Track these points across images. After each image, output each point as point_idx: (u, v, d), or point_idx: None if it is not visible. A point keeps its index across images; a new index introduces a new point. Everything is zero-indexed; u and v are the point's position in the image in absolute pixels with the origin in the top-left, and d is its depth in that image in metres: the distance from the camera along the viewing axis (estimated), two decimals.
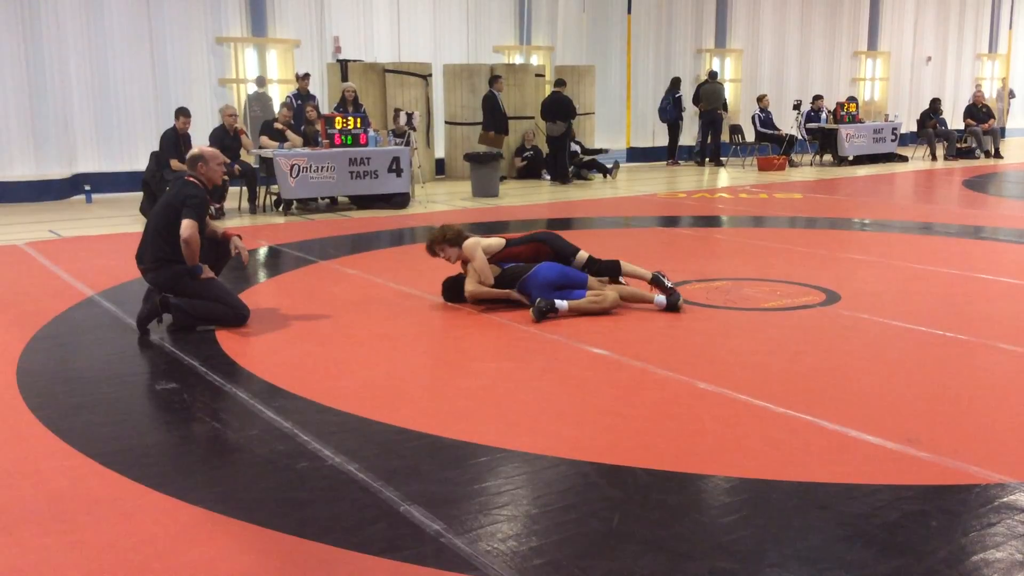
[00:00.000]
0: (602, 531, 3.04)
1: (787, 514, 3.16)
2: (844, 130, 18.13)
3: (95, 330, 5.92)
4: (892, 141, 19.04)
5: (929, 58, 25.23)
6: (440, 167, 16.39)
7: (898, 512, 3.16)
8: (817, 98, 19.11)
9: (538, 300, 5.93)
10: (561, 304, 5.98)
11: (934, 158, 19.36)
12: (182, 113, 11.41)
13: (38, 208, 12.57)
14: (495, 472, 3.58)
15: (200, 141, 11.66)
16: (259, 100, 14.78)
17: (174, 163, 11.01)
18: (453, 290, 6.45)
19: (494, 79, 15.18)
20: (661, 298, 6.15)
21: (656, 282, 6.40)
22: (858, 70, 24.05)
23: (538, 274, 6.13)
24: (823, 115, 18.81)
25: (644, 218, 11.10)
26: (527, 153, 16.05)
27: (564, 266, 6.29)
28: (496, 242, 6.40)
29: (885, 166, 18.08)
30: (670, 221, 10.93)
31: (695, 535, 3.02)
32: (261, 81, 14.82)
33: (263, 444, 3.89)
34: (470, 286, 6.25)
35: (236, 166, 11.32)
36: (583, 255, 6.39)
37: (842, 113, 18.41)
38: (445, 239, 6.33)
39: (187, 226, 5.69)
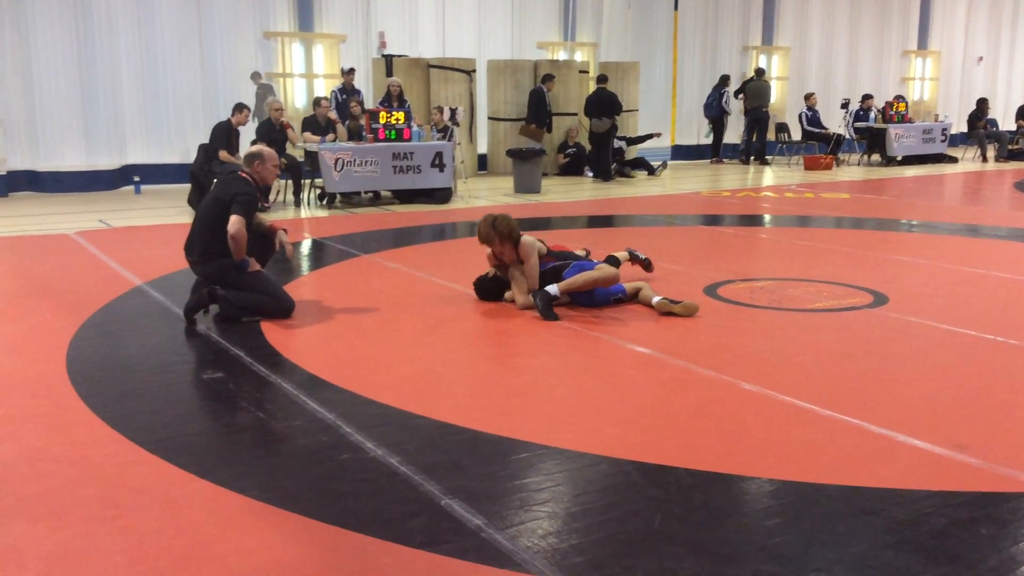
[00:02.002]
0: (643, 531, 3.03)
1: (832, 518, 3.11)
2: (893, 130, 17.86)
3: (143, 319, 6.01)
4: (942, 142, 18.72)
5: (981, 58, 24.75)
6: (482, 163, 16.41)
7: (946, 519, 3.11)
8: (867, 97, 18.84)
9: (534, 297, 5.94)
10: (552, 288, 5.97)
11: (984, 159, 19.01)
12: (243, 107, 11.52)
13: (88, 198, 12.79)
14: (536, 468, 3.57)
15: (247, 134, 11.81)
16: (265, 91, 14.58)
17: (222, 154, 11.13)
18: (488, 290, 6.41)
19: (548, 77, 15.18)
20: (658, 298, 6.07)
21: (632, 257, 6.98)
22: (907, 69, 23.67)
23: (563, 279, 6.10)
24: (872, 114, 18.54)
25: (687, 216, 11.03)
26: (570, 150, 16.01)
27: (583, 262, 6.29)
28: (543, 247, 6.35)
29: (934, 167, 17.78)
30: (713, 220, 10.85)
31: (738, 538, 2.99)
32: (257, 75, 14.62)
33: (306, 435, 3.92)
34: (523, 298, 6.14)
35: (282, 159, 11.42)
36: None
37: (891, 112, 18.12)
38: (511, 235, 6.15)
39: (234, 222, 5.74)
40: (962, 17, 24.23)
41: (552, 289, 5.95)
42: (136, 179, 13.62)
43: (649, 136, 16.49)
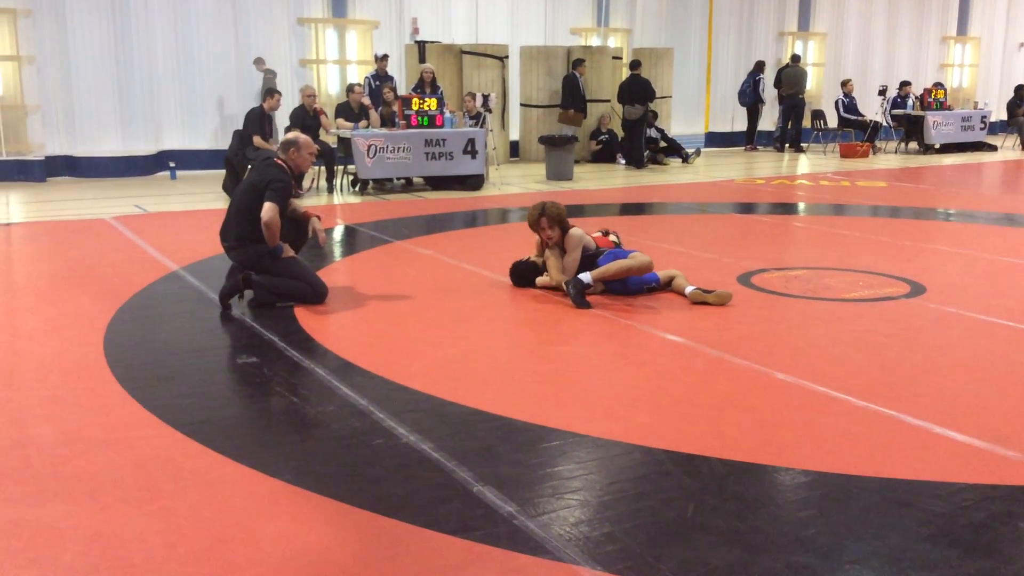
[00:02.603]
0: (676, 520, 3.02)
1: (867, 510, 3.08)
2: (931, 117, 17.59)
3: (179, 303, 6.07)
4: (981, 129, 18.42)
5: (1022, 44, 24.29)
6: (515, 149, 16.38)
7: (984, 512, 3.07)
8: (904, 84, 18.56)
9: (567, 285, 5.89)
10: (585, 276, 5.93)
11: None
12: (275, 92, 11.57)
13: (124, 183, 12.93)
14: (568, 456, 3.57)
15: (281, 120, 11.87)
16: (271, 77, 14.44)
17: (256, 139, 11.19)
18: (524, 276, 6.42)
19: (578, 62, 15.11)
20: (691, 288, 6.03)
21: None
22: (946, 55, 23.29)
23: (597, 266, 6.07)
24: (910, 101, 18.27)
25: (721, 204, 10.94)
26: (602, 137, 15.93)
27: (617, 250, 6.26)
28: (591, 243, 6.30)
29: (973, 155, 17.50)
30: (747, 208, 10.75)
31: (772, 528, 2.97)
32: (260, 62, 14.45)
33: (339, 420, 3.95)
34: (559, 275, 6.12)
35: (315, 146, 11.46)
36: None
37: (929, 100, 17.84)
38: (561, 221, 6.14)
39: (268, 209, 5.78)
40: (1003, 2, 23.78)
41: (585, 277, 5.93)
42: (172, 165, 13.76)
43: (679, 147, 16.06)
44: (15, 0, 12.76)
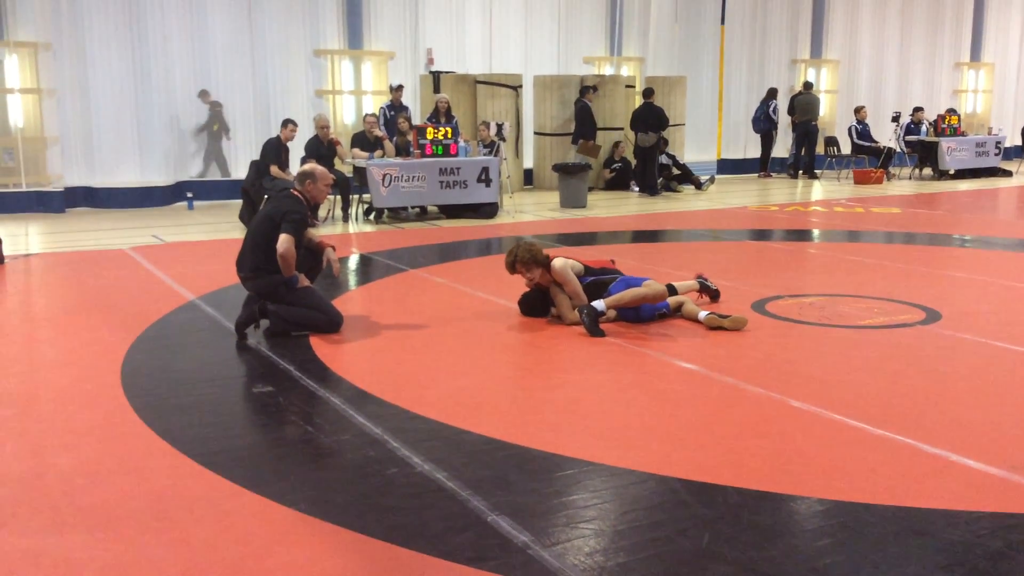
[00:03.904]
0: (692, 550, 3.01)
1: (884, 539, 3.07)
2: (945, 143, 17.57)
3: (196, 333, 6.12)
4: (996, 155, 18.38)
5: None
6: (528, 177, 16.46)
7: (1002, 541, 3.04)
8: (917, 110, 18.57)
9: (580, 313, 5.89)
10: (599, 304, 5.92)
11: None
12: (289, 122, 11.71)
13: (142, 214, 13.06)
14: (583, 485, 3.57)
15: (296, 150, 11.98)
16: (217, 109, 14.50)
17: (273, 169, 11.31)
18: (533, 305, 6.42)
19: (587, 88, 15.24)
20: (703, 313, 6.05)
21: (703, 287, 6.78)
22: (960, 81, 23.30)
23: (611, 292, 6.10)
24: (923, 127, 18.26)
25: (734, 231, 10.94)
26: (616, 164, 15.99)
27: (634, 277, 6.28)
28: (578, 265, 6.34)
29: (988, 180, 17.46)
30: (761, 235, 10.75)
31: (788, 558, 2.95)
32: (206, 94, 14.37)
33: (354, 449, 3.96)
34: (571, 315, 6.10)
35: (332, 177, 11.56)
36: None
37: (943, 126, 17.84)
38: (535, 260, 6.17)
39: (284, 241, 5.82)
40: (1017, 27, 23.80)
41: (599, 305, 5.94)
42: (189, 195, 13.88)
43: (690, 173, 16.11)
44: (36, 34, 12.97)
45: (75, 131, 13.48)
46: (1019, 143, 20.34)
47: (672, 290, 6.31)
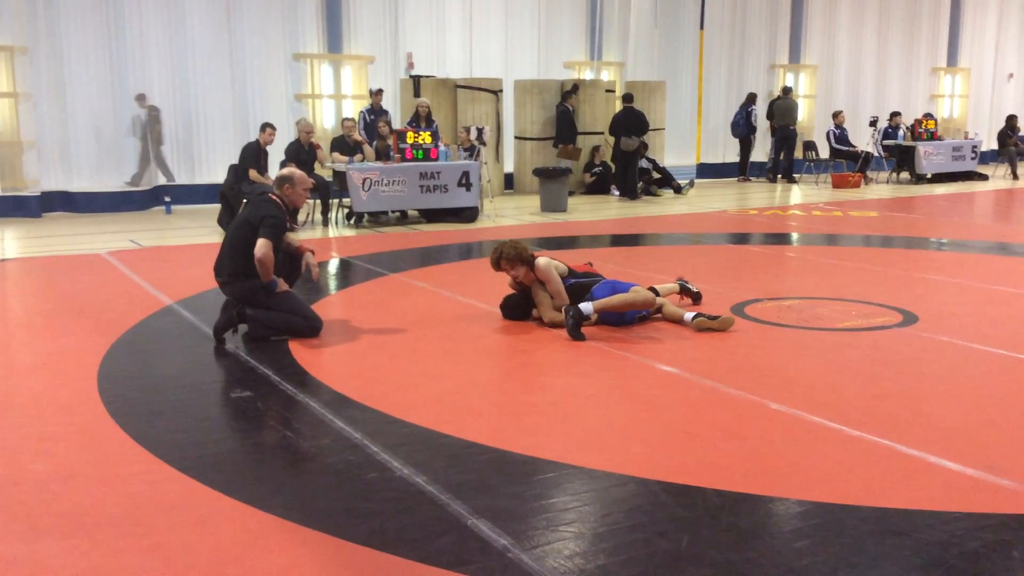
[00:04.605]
0: (671, 552, 3.01)
1: (862, 540, 3.08)
2: (922, 147, 17.73)
3: (173, 338, 6.08)
4: (972, 159, 18.56)
5: (1011, 75, 24.53)
6: (509, 182, 16.47)
7: (978, 541, 3.07)
8: (895, 115, 18.73)
9: (566, 314, 5.88)
10: (585, 308, 5.92)
11: (1015, 176, 18.82)
12: (268, 126, 11.66)
13: (120, 218, 12.97)
14: (562, 488, 3.57)
15: (275, 154, 11.94)
16: (155, 113, 14.15)
17: (252, 173, 11.27)
18: (514, 309, 6.44)
19: (569, 93, 15.28)
20: (689, 315, 6.09)
21: (683, 289, 6.82)
22: (936, 86, 23.51)
23: (594, 294, 6.11)
24: (900, 132, 18.42)
25: (714, 235, 10.99)
26: (596, 169, 16.03)
27: (617, 281, 6.30)
28: (562, 266, 6.37)
29: (964, 184, 17.63)
30: (741, 238, 10.80)
31: (766, 559, 2.97)
32: (143, 98, 13.98)
33: (334, 453, 3.94)
34: (550, 313, 6.18)
35: (310, 181, 11.52)
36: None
37: (920, 130, 18.00)
38: (520, 258, 6.22)
39: (262, 245, 5.79)
40: (992, 33, 24.06)
41: (586, 308, 5.93)
42: (167, 199, 13.80)
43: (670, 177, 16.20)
44: (12, 38, 12.87)
45: (52, 135, 13.37)
46: (995, 147, 20.53)
47: (654, 293, 6.33)
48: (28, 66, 13.01)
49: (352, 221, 12.02)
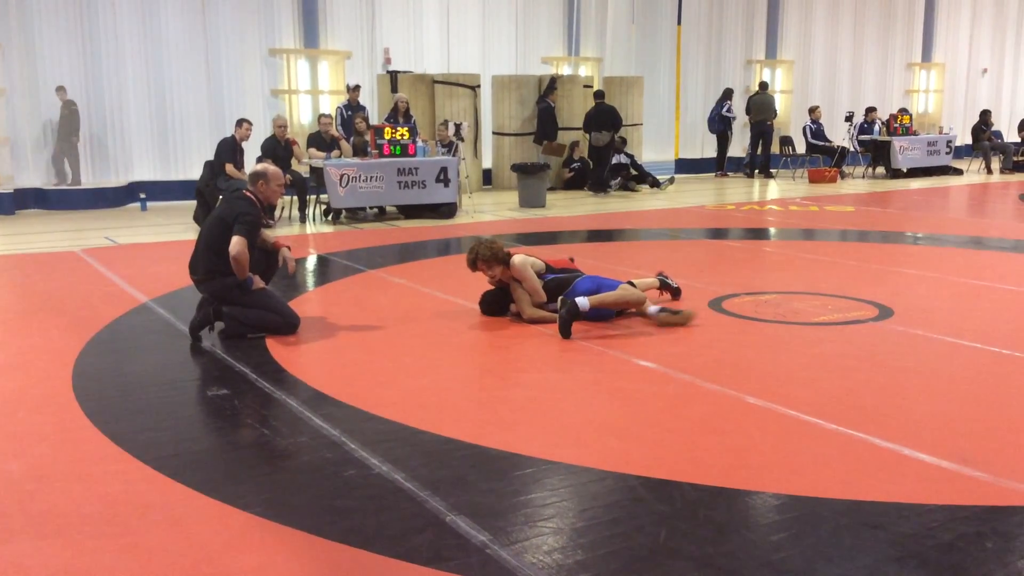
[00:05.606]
0: (649, 546, 3.02)
1: (838, 533, 3.11)
2: (897, 142, 17.86)
3: (149, 336, 6.03)
4: (947, 154, 18.71)
5: (985, 70, 24.77)
6: (487, 177, 16.45)
7: (952, 533, 3.10)
8: (870, 110, 18.85)
9: (559, 308, 5.88)
10: (582, 302, 5.91)
11: (989, 171, 19.00)
12: (243, 122, 11.58)
13: (95, 215, 12.85)
14: (541, 484, 3.57)
15: (252, 150, 11.86)
16: (68, 108, 13.60)
17: (229, 168, 11.21)
18: (493, 305, 6.44)
19: (550, 89, 15.30)
20: (654, 308, 6.12)
21: (663, 284, 6.82)
22: (911, 82, 23.70)
23: (576, 288, 6.12)
24: (876, 127, 18.55)
25: (692, 230, 11.03)
26: (575, 164, 16.04)
27: (599, 277, 6.31)
28: (538, 262, 6.37)
29: (939, 179, 17.77)
30: (718, 233, 10.85)
31: (743, 552, 2.98)
32: (63, 91, 13.39)
33: (311, 451, 3.93)
34: (529, 310, 6.18)
35: (287, 176, 11.47)
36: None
37: (896, 125, 18.13)
38: (496, 258, 6.20)
39: (237, 243, 5.75)
40: (966, 29, 24.27)
41: (582, 303, 5.91)
42: (142, 196, 13.68)
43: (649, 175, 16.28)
44: None
45: (25, 132, 13.22)
46: (969, 142, 20.72)
47: (632, 287, 6.35)
48: (1, 62, 12.85)
49: (330, 217, 11.97)
